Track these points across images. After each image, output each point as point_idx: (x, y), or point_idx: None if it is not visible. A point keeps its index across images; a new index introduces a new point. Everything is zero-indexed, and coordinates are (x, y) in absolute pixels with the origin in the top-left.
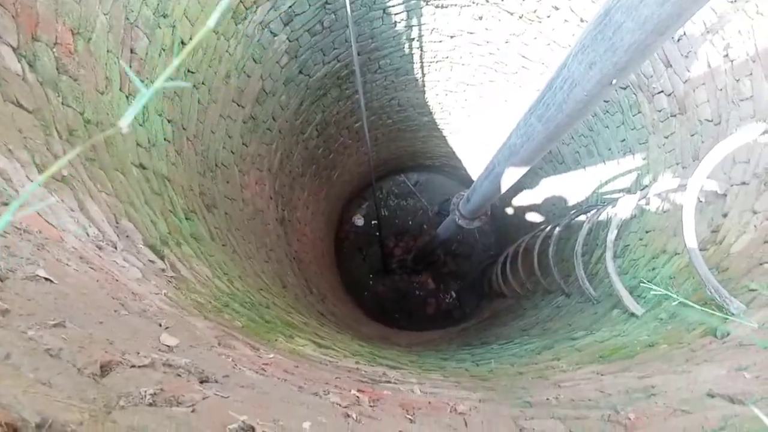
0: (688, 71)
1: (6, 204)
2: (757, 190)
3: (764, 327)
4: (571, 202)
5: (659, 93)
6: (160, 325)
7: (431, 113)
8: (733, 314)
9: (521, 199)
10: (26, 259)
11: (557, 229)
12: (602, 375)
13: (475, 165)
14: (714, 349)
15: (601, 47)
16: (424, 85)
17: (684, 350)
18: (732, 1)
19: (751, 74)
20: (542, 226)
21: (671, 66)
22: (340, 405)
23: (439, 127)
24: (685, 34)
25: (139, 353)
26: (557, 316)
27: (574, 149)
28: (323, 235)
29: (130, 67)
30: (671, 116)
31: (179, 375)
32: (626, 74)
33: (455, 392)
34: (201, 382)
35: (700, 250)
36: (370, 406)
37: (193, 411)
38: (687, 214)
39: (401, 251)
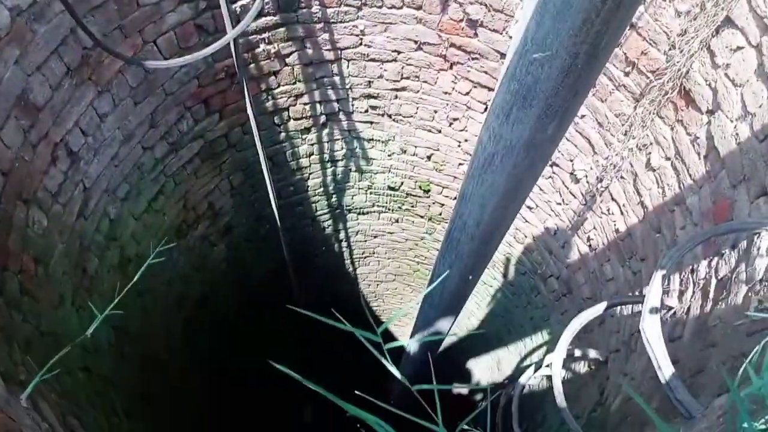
0: (567, 258)
1: None
2: (625, 356)
3: None
4: (502, 377)
5: (550, 277)
6: None
7: (367, 301)
8: None
9: (457, 379)
10: None
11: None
12: None
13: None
14: None
15: (452, 254)
16: (356, 277)
17: None
18: (584, 203)
19: (609, 260)
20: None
21: (554, 254)
22: None
23: (376, 314)
24: (558, 228)
25: None
26: None
27: (495, 328)
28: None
29: (81, 284)
30: (562, 296)
31: None
32: (478, 272)
33: None
34: None
35: (592, 412)
36: None
37: None
38: (555, 380)
39: None
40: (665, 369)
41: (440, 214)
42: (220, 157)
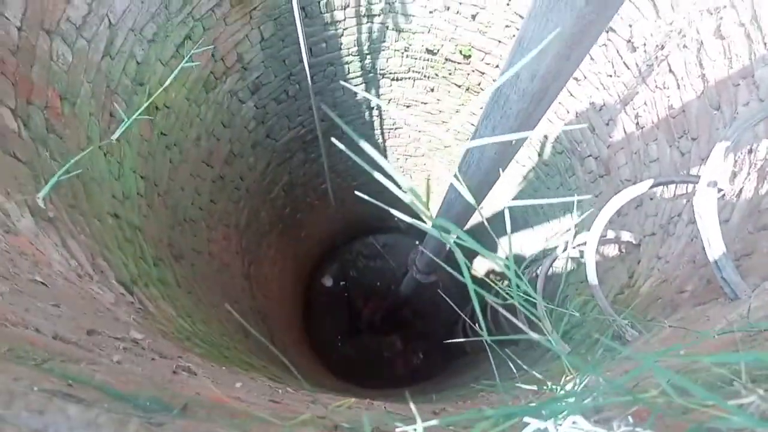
0: (610, 137)
1: (7, 233)
2: (661, 239)
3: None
4: (527, 258)
5: (588, 156)
6: (130, 326)
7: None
8: (629, 340)
9: (480, 258)
10: (27, 270)
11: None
12: None
13: None
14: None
15: (498, 114)
16: (385, 150)
17: None
18: (638, 75)
19: (656, 140)
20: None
21: (596, 132)
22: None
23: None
24: (604, 103)
25: (114, 332)
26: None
27: (522, 209)
28: (291, 294)
29: (109, 128)
30: (599, 177)
31: (142, 347)
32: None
33: None
34: (158, 354)
35: (618, 294)
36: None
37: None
38: (588, 258)
39: (369, 312)
40: (715, 246)
41: (479, 84)
42: (250, 3)
